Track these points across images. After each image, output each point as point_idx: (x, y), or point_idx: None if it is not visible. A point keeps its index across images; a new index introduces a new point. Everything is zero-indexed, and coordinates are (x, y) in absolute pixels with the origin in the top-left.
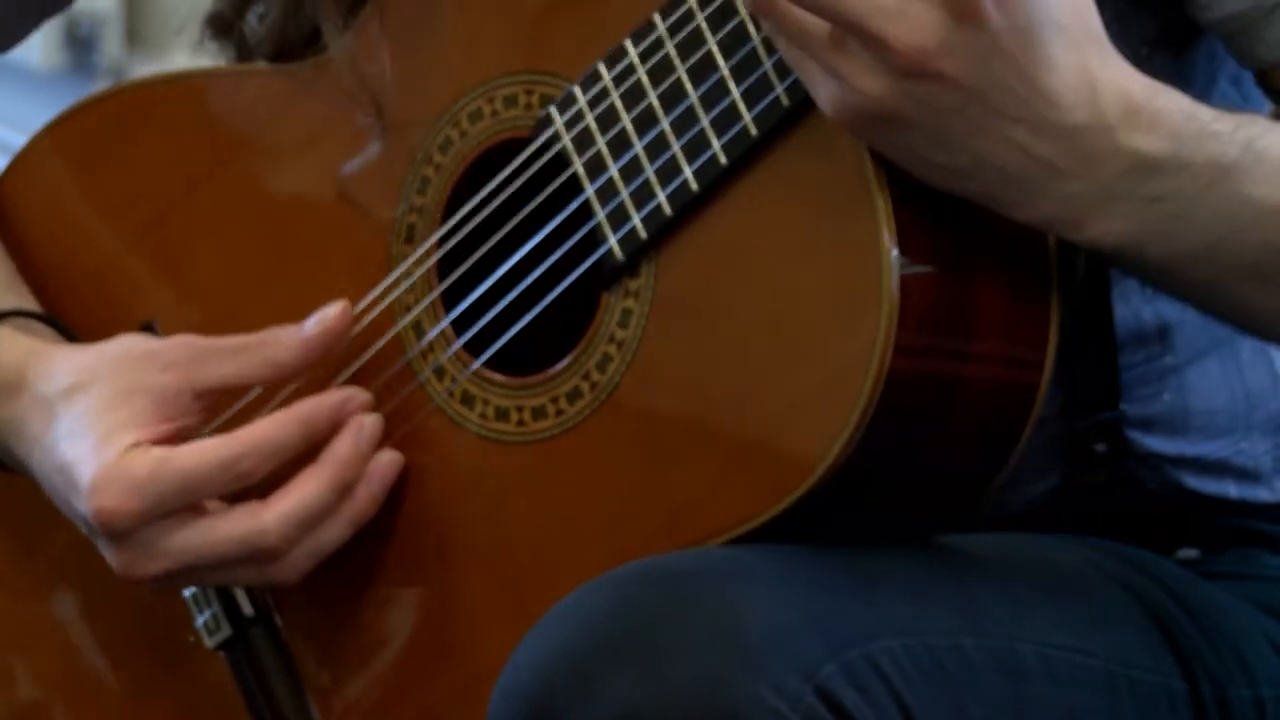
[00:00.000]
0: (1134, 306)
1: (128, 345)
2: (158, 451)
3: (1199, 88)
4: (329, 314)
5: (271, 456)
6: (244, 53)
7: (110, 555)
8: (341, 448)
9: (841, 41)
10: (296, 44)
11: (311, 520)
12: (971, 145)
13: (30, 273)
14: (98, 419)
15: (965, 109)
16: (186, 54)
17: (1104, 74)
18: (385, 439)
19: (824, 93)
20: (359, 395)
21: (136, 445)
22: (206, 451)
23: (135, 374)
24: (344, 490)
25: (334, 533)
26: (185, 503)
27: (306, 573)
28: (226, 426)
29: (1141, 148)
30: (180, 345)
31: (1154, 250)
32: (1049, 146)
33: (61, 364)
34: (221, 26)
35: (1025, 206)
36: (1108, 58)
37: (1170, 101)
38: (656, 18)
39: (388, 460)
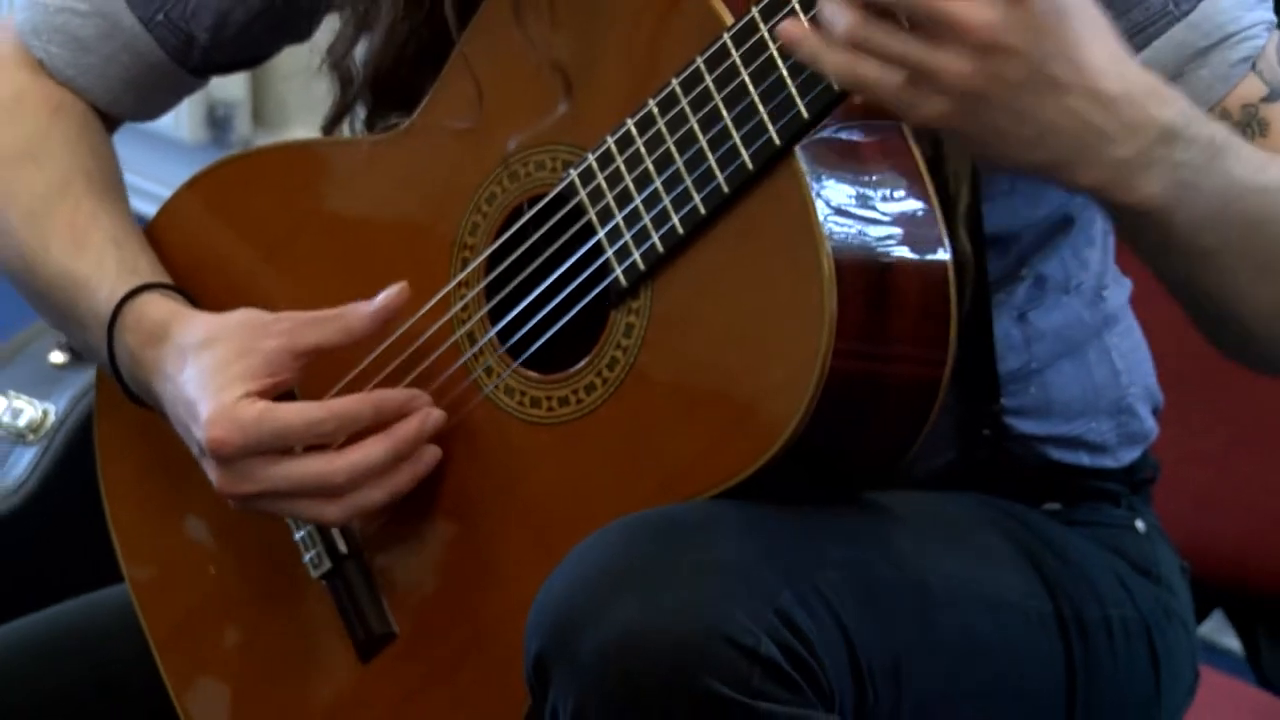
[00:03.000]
0: (1005, 326)
1: (249, 315)
2: (264, 404)
3: None
4: (390, 292)
5: (349, 425)
6: (348, 90)
7: (213, 474)
8: (407, 427)
9: (924, 42)
10: (391, 72)
11: (369, 472)
12: (1039, 115)
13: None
14: (220, 369)
15: (1032, 81)
16: (302, 131)
17: (1124, 53)
18: (446, 422)
19: (928, 109)
20: (424, 395)
21: (248, 395)
22: (301, 411)
23: (251, 337)
24: (397, 460)
25: (377, 495)
26: (277, 446)
27: (347, 521)
28: (318, 397)
29: (1165, 118)
30: (285, 318)
31: (1180, 216)
32: (1099, 114)
33: (198, 323)
34: (336, 58)
35: (1083, 172)
36: (1119, 41)
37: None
38: (651, 102)
39: (432, 452)
